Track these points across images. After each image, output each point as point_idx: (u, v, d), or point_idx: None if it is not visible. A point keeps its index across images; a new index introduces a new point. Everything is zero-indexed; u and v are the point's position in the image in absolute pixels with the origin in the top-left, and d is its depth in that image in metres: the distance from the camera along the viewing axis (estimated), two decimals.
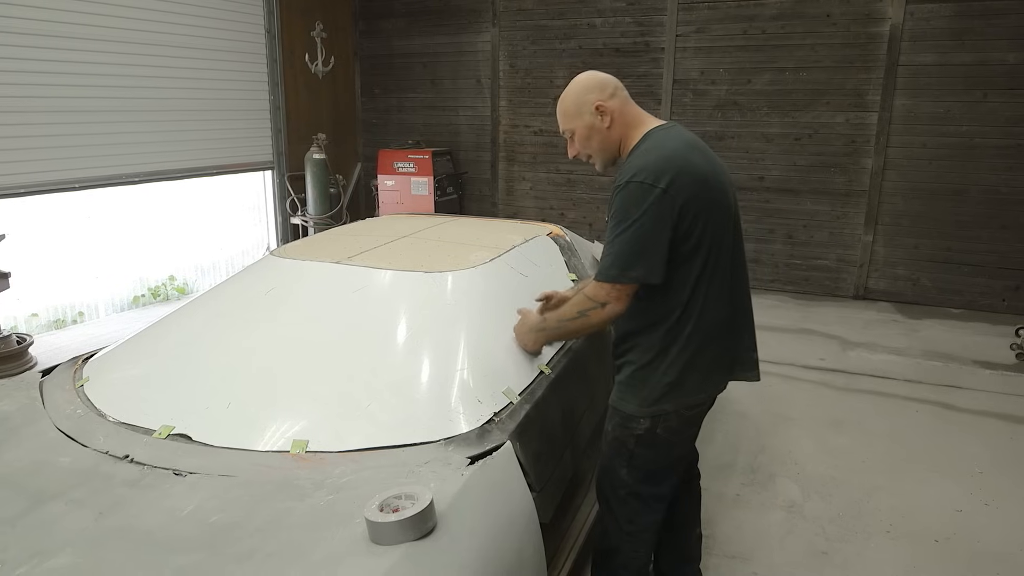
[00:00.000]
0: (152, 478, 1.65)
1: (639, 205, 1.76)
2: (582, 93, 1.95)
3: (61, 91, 5.12)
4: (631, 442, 1.96)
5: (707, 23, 6.37)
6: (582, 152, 2.01)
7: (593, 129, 1.95)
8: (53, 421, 1.92)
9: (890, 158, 6.03)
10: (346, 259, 2.40)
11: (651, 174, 1.77)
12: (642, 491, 2.02)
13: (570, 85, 2.00)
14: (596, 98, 1.93)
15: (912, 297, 6.17)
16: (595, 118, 1.94)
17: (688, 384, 1.92)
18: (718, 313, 1.91)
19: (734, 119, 6.45)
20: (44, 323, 5.47)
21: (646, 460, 1.99)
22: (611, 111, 1.93)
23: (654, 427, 1.94)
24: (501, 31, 7.23)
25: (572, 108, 1.96)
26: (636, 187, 1.77)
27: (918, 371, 4.63)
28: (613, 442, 2.01)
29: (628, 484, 2.01)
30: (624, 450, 1.98)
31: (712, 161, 1.91)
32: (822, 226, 6.38)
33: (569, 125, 1.99)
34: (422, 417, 1.82)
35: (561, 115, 2.01)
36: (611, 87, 1.96)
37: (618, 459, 2.00)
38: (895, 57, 5.85)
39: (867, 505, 3.10)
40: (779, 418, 3.94)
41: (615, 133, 1.95)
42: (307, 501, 1.54)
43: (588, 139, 1.97)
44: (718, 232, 1.86)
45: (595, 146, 1.98)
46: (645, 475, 2.01)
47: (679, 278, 1.85)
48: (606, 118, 1.93)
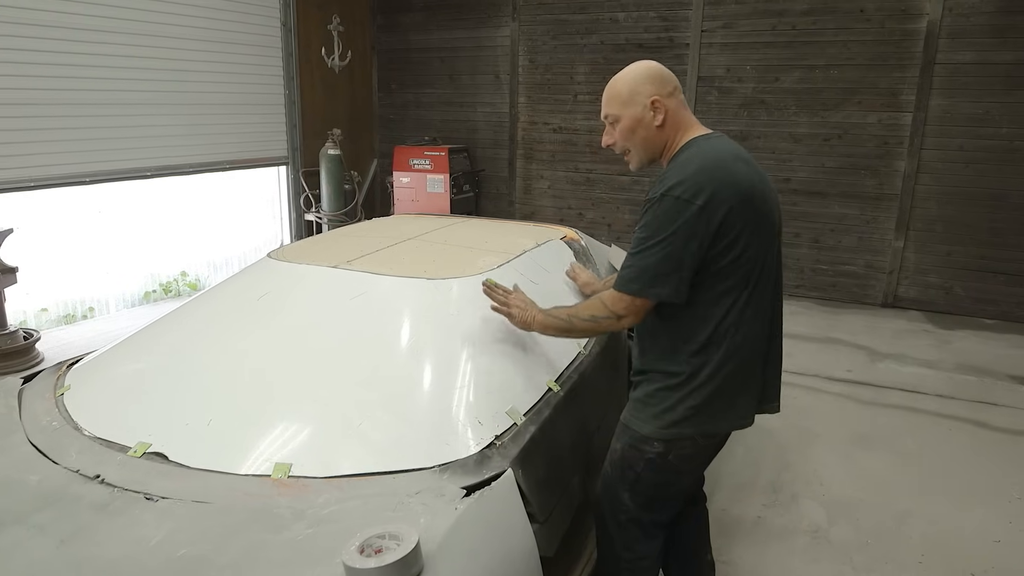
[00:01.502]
0: (122, 502, 1.52)
1: (672, 222, 1.64)
2: (640, 81, 1.78)
3: (72, 83, 5.05)
4: (639, 465, 1.82)
5: (734, 18, 6.16)
6: (619, 144, 1.85)
7: (641, 123, 1.79)
8: (27, 434, 1.80)
9: (924, 161, 5.78)
10: (345, 263, 2.26)
11: (689, 188, 1.64)
12: (643, 518, 1.89)
13: (627, 69, 1.83)
14: (654, 91, 1.77)
15: (944, 306, 5.91)
16: (647, 112, 1.77)
17: (713, 410, 1.76)
18: (755, 336, 1.76)
19: (760, 118, 6.23)
20: (54, 318, 5.41)
21: (650, 486, 1.85)
22: (666, 109, 1.77)
23: (667, 452, 1.79)
24: (521, 25, 7.06)
25: (625, 94, 1.79)
26: (672, 202, 1.64)
27: (950, 386, 4.41)
28: (620, 462, 1.87)
29: (629, 509, 1.88)
30: (630, 472, 1.85)
31: (758, 174, 1.76)
32: (850, 231, 6.14)
33: (615, 111, 1.81)
34: (416, 439, 1.68)
35: (609, 98, 1.83)
36: (672, 84, 1.81)
37: (622, 481, 1.87)
38: (932, 55, 5.59)
39: (897, 532, 2.91)
40: (803, 433, 3.75)
41: (663, 134, 1.80)
42: (284, 534, 1.40)
43: (632, 132, 1.81)
44: (761, 250, 1.72)
45: (638, 142, 1.82)
46: (647, 501, 1.87)
47: (714, 296, 1.71)
48: (659, 115, 1.77)
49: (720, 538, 2.83)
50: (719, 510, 3.02)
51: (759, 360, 1.80)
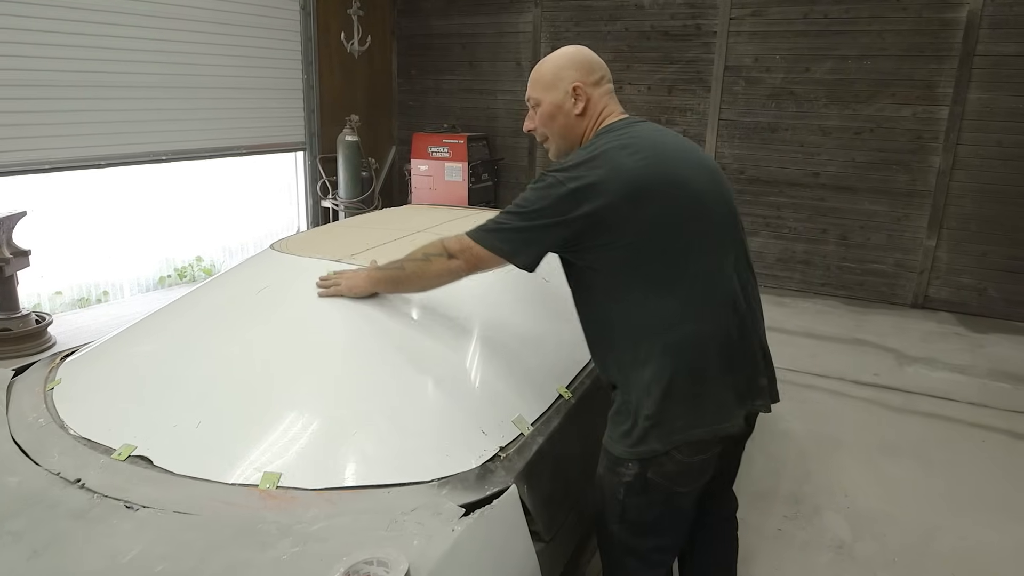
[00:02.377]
0: (101, 510, 1.43)
1: (541, 199, 1.56)
2: (564, 66, 1.71)
3: (88, 66, 4.99)
4: (620, 491, 1.63)
5: (764, 6, 5.94)
6: (539, 129, 1.78)
7: (561, 110, 1.71)
8: (11, 431, 1.72)
9: (960, 156, 5.55)
10: (348, 257, 2.16)
11: (571, 173, 1.55)
12: (639, 546, 1.69)
13: (554, 53, 1.76)
14: (577, 77, 1.69)
15: (977, 308, 5.70)
16: (568, 99, 1.70)
17: (674, 419, 1.55)
18: (704, 331, 1.56)
19: (789, 110, 6.03)
20: (68, 302, 5.39)
21: (640, 511, 1.64)
22: (588, 98, 1.69)
23: (643, 471, 1.59)
24: (544, 11, 6.89)
25: (547, 78, 1.72)
26: (550, 180, 1.57)
27: (983, 393, 4.22)
28: (603, 490, 1.69)
29: (622, 541, 1.69)
30: (614, 501, 1.66)
31: (668, 157, 1.59)
32: (880, 228, 5.93)
33: (537, 95, 1.74)
34: (415, 450, 1.57)
35: (533, 81, 1.76)
36: (599, 72, 1.73)
37: (609, 511, 1.68)
38: (971, 46, 5.35)
39: (926, 549, 2.76)
40: (827, 440, 3.59)
41: (582, 123, 1.71)
42: (269, 552, 1.30)
43: (552, 119, 1.73)
44: (682, 233, 1.56)
45: (556, 129, 1.74)
46: (641, 529, 1.67)
47: (624, 288, 1.57)
48: (579, 103, 1.69)
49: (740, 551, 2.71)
50: (738, 520, 2.89)
51: (719, 355, 1.58)
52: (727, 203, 1.67)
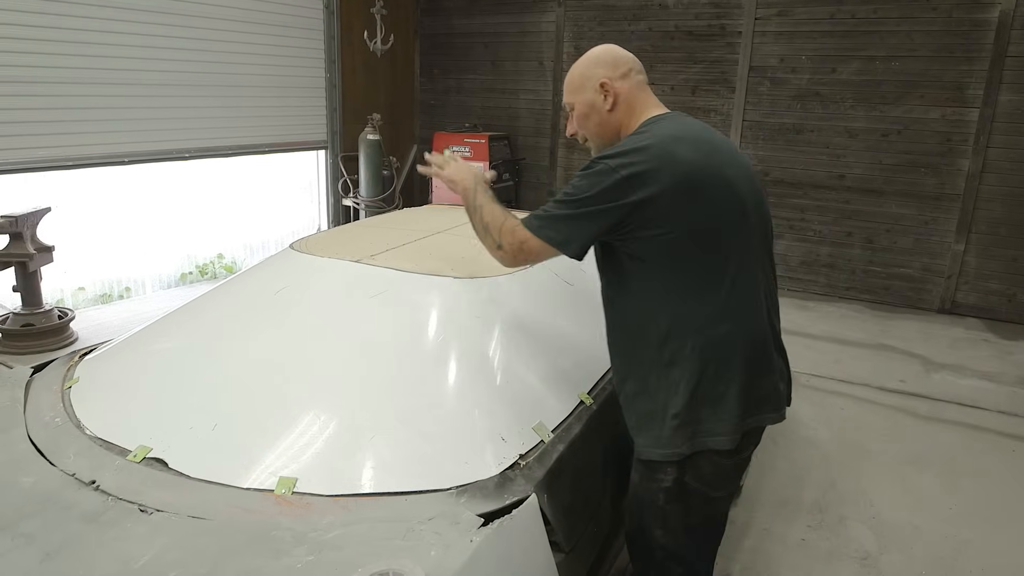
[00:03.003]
0: (115, 513, 1.42)
1: (593, 187, 1.55)
2: (591, 66, 1.74)
3: (113, 63, 5.03)
4: (660, 497, 1.64)
5: (790, 5, 5.85)
6: (579, 132, 1.81)
7: (593, 108, 1.73)
8: (28, 430, 1.72)
9: (990, 160, 5.42)
10: (368, 258, 2.13)
11: (620, 160, 1.54)
12: (684, 553, 1.71)
13: (583, 56, 1.79)
14: (603, 75, 1.71)
15: (1006, 315, 5.56)
16: (597, 96, 1.72)
17: (705, 420, 1.56)
18: (736, 333, 1.57)
19: (815, 111, 5.93)
20: (90, 297, 5.44)
21: (680, 517, 1.66)
22: (616, 92, 1.70)
23: (681, 476, 1.61)
24: (567, 11, 6.84)
25: (577, 80, 1.76)
26: (600, 167, 1.56)
27: (1013, 402, 4.11)
28: (640, 499, 1.70)
29: (666, 547, 1.69)
30: (654, 508, 1.67)
31: (718, 154, 1.61)
32: (907, 231, 5.81)
33: (570, 98, 1.78)
34: (433, 456, 1.54)
35: (566, 86, 1.81)
36: (625, 66, 1.73)
37: (649, 519, 1.69)
38: (1003, 47, 5.22)
39: (955, 563, 2.68)
40: (852, 448, 3.52)
41: (615, 117, 1.73)
42: (283, 560, 1.28)
43: (586, 118, 1.75)
44: (723, 233, 1.56)
45: (592, 127, 1.77)
46: (683, 534, 1.68)
47: (663, 284, 1.57)
48: (609, 99, 1.71)
49: (761, 558, 2.66)
50: (761, 530, 2.83)
51: (747, 361, 1.59)
52: (763, 205, 1.69)
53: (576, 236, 1.58)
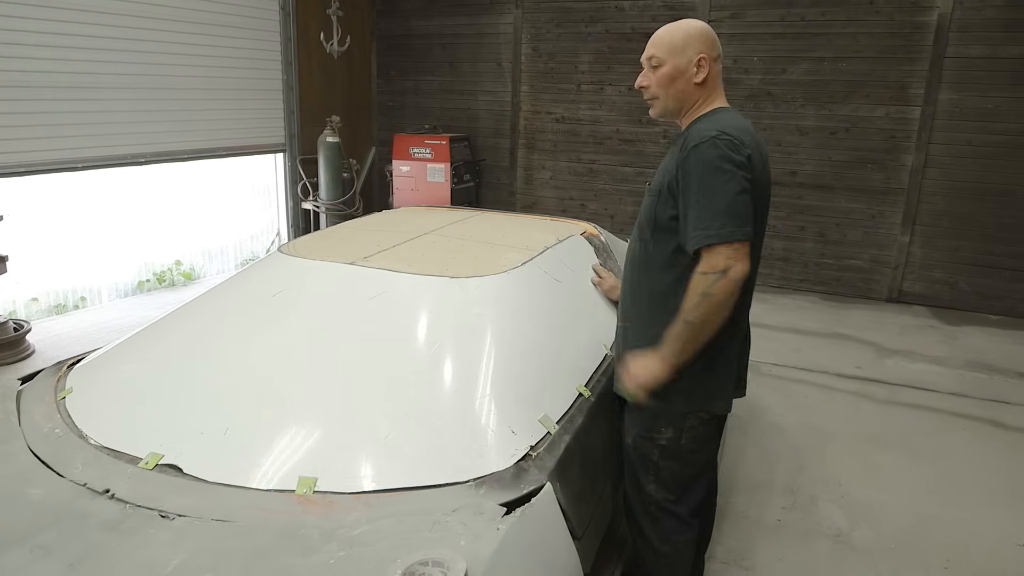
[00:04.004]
0: (135, 520, 1.41)
1: (728, 159, 1.64)
2: (696, 36, 1.82)
3: (65, 67, 4.87)
4: (655, 453, 1.86)
5: (742, 8, 6.04)
6: (653, 88, 1.85)
7: (683, 75, 1.81)
8: (27, 442, 1.69)
9: (932, 155, 5.71)
10: (362, 259, 2.15)
11: (736, 137, 1.68)
12: (675, 508, 1.88)
13: (684, 21, 1.88)
14: (704, 49, 1.81)
15: (949, 302, 5.87)
16: (691, 67, 1.81)
17: (710, 385, 1.81)
18: (747, 308, 1.87)
19: (767, 110, 6.14)
20: (44, 308, 5.26)
21: (673, 473, 1.87)
22: (709, 71, 1.81)
23: (678, 436, 1.83)
24: (524, 13, 6.92)
25: (679, 42, 1.81)
26: (726, 143, 1.65)
27: (962, 383, 4.36)
28: (636, 455, 1.90)
29: (657, 500, 1.88)
30: (648, 463, 1.88)
31: (765, 156, 1.83)
32: (856, 225, 6.08)
33: (662, 55, 1.82)
34: (448, 451, 1.58)
35: (659, 42, 1.84)
36: (719, 51, 1.86)
37: (644, 473, 1.89)
38: (942, 49, 5.51)
39: (921, 536, 2.84)
40: (816, 432, 3.68)
41: (697, 93, 1.83)
42: (314, 557, 1.30)
43: (672, 80, 1.81)
44: (760, 222, 1.78)
45: (672, 92, 1.83)
46: (674, 488, 1.88)
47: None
48: (701, 74, 1.80)
49: (739, 540, 2.77)
50: (739, 513, 2.95)
51: (741, 342, 1.89)
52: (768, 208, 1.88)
53: (750, 215, 1.65)
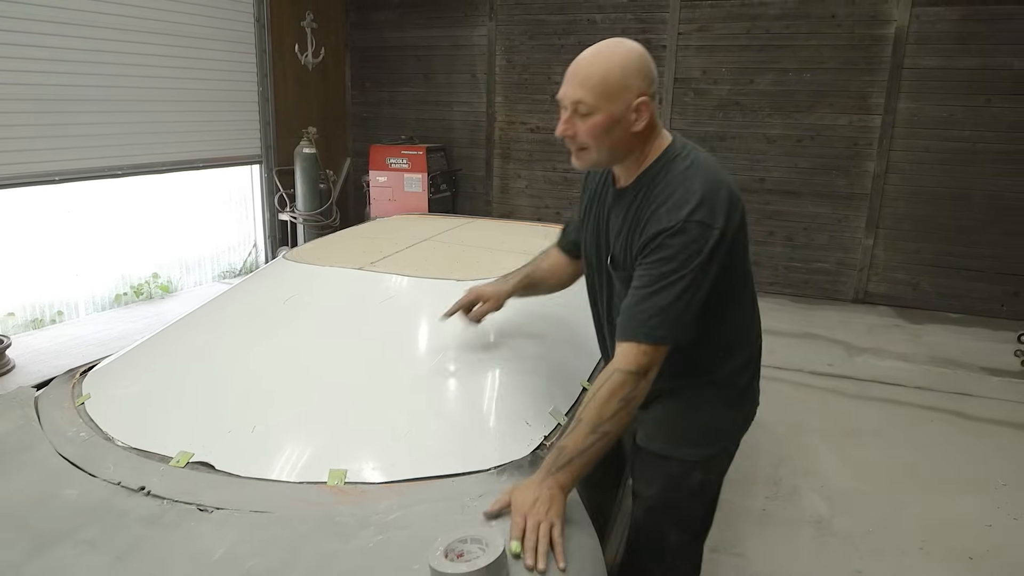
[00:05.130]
0: (174, 514, 1.47)
1: (699, 252, 1.44)
2: (634, 72, 1.46)
3: (40, 79, 4.84)
4: (685, 501, 1.68)
5: (710, 21, 6.26)
6: (581, 138, 1.50)
7: (620, 125, 1.48)
8: (54, 446, 1.73)
9: (893, 162, 5.98)
10: (368, 265, 2.23)
11: (708, 211, 1.45)
12: (693, 547, 1.80)
13: (615, 50, 1.48)
14: (645, 87, 1.47)
15: (912, 302, 6.13)
16: (629, 113, 1.47)
17: (747, 413, 1.76)
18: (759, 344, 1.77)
19: (736, 120, 6.36)
20: (21, 323, 5.19)
21: (697, 515, 1.74)
22: (650, 114, 1.49)
23: (708, 473, 1.69)
24: (498, 25, 7.06)
25: (614, 84, 1.44)
26: (696, 229, 1.44)
27: (927, 378, 4.57)
28: (661, 506, 1.69)
29: (676, 548, 1.74)
30: (674, 511, 1.70)
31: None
32: (823, 229, 6.32)
33: (592, 100, 1.45)
34: (468, 442, 1.67)
35: (588, 83, 1.45)
36: (656, 80, 1.53)
37: (666, 524, 1.70)
38: (900, 60, 5.79)
39: (897, 520, 3.00)
40: (794, 427, 3.84)
41: (635, 141, 1.52)
42: (353, 542, 1.37)
43: (606, 131, 1.48)
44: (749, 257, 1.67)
45: (608, 142, 1.50)
46: (697, 531, 1.78)
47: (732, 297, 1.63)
48: (642, 120, 1.48)
49: (729, 530, 2.90)
50: (724, 503, 3.05)
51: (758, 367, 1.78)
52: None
53: (692, 318, 1.48)
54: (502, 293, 1.91)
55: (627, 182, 1.59)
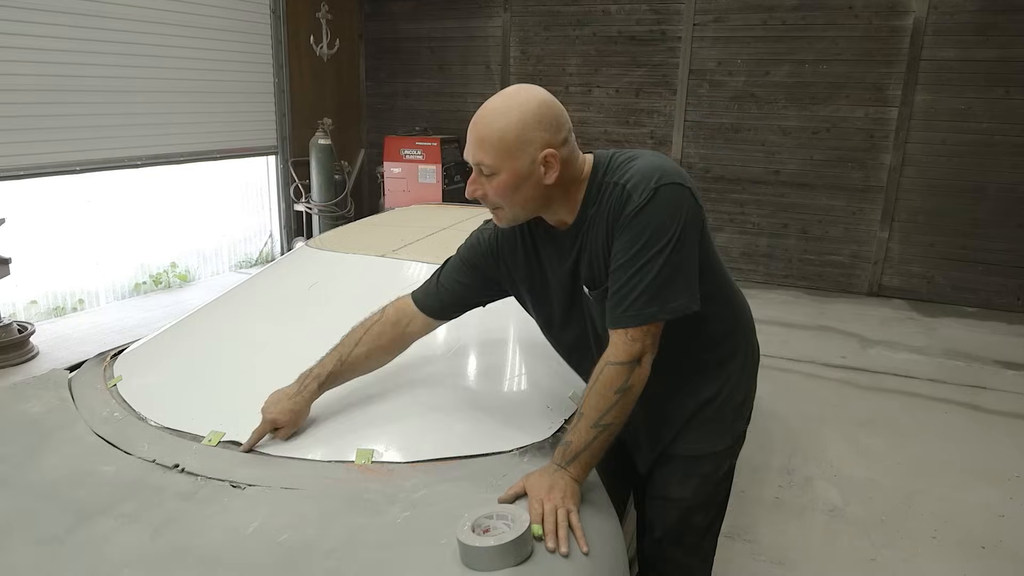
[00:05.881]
0: (208, 490, 1.52)
1: (675, 215, 1.35)
2: (531, 126, 1.37)
3: (60, 69, 4.92)
4: (715, 491, 1.70)
5: (725, 12, 6.25)
6: (492, 198, 1.45)
7: (528, 180, 1.40)
8: (89, 425, 1.78)
9: (909, 154, 5.96)
10: (391, 252, 2.27)
11: (674, 173, 1.38)
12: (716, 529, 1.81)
13: (510, 103, 1.39)
14: (548, 140, 1.38)
15: (926, 295, 6.12)
16: (536, 168, 1.39)
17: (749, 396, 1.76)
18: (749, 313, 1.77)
19: (751, 111, 6.35)
20: (43, 311, 5.29)
21: (724, 497, 1.75)
22: (560, 162, 1.40)
23: (733, 459, 1.73)
24: (513, 16, 7.07)
25: (511, 141, 1.37)
26: (668, 190, 1.35)
27: (941, 371, 4.58)
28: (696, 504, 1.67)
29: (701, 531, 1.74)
30: (707, 505, 1.70)
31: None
32: (837, 222, 6.31)
33: (493, 162, 1.39)
34: (491, 424, 1.71)
35: (485, 143, 1.39)
36: (567, 125, 1.43)
37: (698, 516, 1.70)
38: (917, 51, 5.76)
39: (909, 510, 3.03)
40: (808, 418, 3.86)
41: (551, 190, 1.43)
42: (382, 518, 1.42)
43: (514, 190, 1.41)
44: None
45: (519, 200, 1.43)
46: (722, 509, 1.80)
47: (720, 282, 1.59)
48: (552, 173, 1.40)
49: (743, 518, 2.93)
50: (738, 491, 3.10)
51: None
52: None
53: (691, 280, 1.39)
54: (300, 411, 1.67)
55: (571, 218, 1.50)
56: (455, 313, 1.76)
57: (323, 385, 1.70)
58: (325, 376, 1.69)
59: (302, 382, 1.69)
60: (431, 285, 1.75)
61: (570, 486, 1.41)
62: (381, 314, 1.75)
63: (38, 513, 1.45)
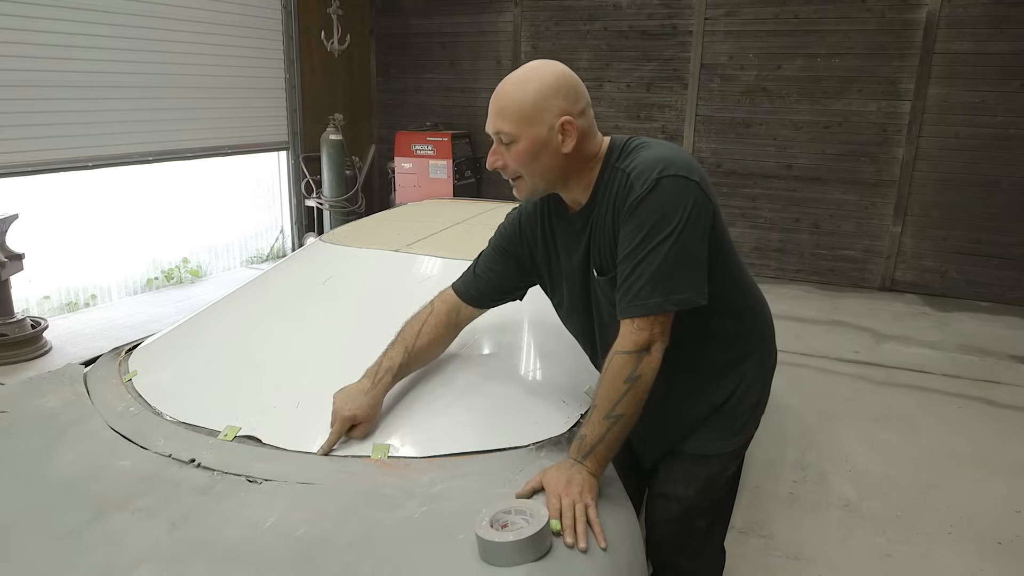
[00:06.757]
0: (224, 485, 1.52)
1: (679, 205, 1.36)
2: (547, 96, 1.41)
3: (71, 66, 4.94)
4: (721, 492, 1.70)
5: (737, 6, 6.20)
6: (512, 167, 1.48)
7: (546, 148, 1.43)
8: (105, 419, 1.79)
9: (922, 148, 5.91)
10: (405, 247, 2.27)
11: (680, 165, 1.39)
12: (721, 534, 1.82)
13: (530, 74, 1.44)
14: (566, 108, 1.42)
15: (940, 290, 6.07)
16: (555, 135, 1.42)
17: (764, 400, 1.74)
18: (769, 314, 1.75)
19: (763, 105, 6.30)
20: (56, 306, 5.32)
21: (731, 500, 1.77)
22: (578, 132, 1.43)
23: (739, 458, 1.72)
24: (524, 11, 7.04)
25: (529, 109, 1.41)
26: (671, 182, 1.36)
27: (955, 366, 4.54)
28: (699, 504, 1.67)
29: (705, 535, 1.74)
30: (712, 506, 1.70)
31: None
32: (849, 216, 6.26)
33: (512, 129, 1.43)
34: (508, 419, 1.70)
35: (505, 112, 1.44)
36: (585, 98, 1.47)
37: (702, 518, 1.70)
38: (931, 45, 5.70)
39: (925, 505, 3.01)
40: (822, 413, 3.84)
41: (569, 161, 1.46)
42: (399, 512, 1.42)
43: (534, 157, 1.44)
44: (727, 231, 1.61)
45: (538, 169, 1.46)
46: (728, 513, 1.81)
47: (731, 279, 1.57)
48: (569, 140, 1.43)
49: (757, 513, 2.92)
50: (753, 488, 3.10)
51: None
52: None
53: (698, 272, 1.39)
54: (377, 404, 1.67)
55: (584, 198, 1.53)
56: (493, 301, 1.80)
57: (395, 377, 1.71)
58: (397, 368, 1.70)
59: (374, 376, 1.68)
60: (469, 275, 1.80)
61: (587, 480, 1.40)
62: (431, 307, 1.79)
63: (55, 508, 1.45)
